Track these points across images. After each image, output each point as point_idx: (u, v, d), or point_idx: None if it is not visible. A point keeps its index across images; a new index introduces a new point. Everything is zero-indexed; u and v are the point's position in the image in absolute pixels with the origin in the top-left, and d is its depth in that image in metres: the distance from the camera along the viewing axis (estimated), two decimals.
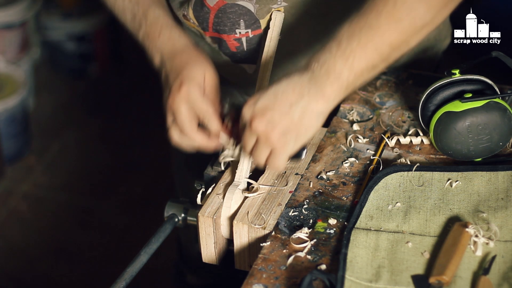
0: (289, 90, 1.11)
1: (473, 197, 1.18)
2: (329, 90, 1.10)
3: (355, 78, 1.11)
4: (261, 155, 1.14)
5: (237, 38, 1.33)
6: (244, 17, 1.29)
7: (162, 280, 2.31)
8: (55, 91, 3.25)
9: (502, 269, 1.07)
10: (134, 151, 2.96)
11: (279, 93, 1.11)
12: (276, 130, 1.10)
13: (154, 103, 3.17)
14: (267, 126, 1.10)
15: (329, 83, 1.10)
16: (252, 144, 1.14)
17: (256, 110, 1.11)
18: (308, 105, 1.10)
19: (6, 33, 2.92)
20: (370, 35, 1.09)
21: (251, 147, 1.15)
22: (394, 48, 1.12)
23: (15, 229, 2.64)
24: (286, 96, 1.10)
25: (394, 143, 1.30)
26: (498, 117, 1.22)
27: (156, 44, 1.27)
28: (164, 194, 2.71)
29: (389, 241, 1.12)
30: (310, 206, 1.20)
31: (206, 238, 1.22)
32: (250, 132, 1.13)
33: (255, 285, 1.07)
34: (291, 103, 1.10)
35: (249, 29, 1.31)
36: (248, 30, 1.31)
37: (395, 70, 1.47)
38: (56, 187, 2.80)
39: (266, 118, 1.10)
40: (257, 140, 1.13)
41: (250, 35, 1.32)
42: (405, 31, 1.11)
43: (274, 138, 1.11)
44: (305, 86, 1.10)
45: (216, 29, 1.32)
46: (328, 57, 1.10)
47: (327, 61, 1.10)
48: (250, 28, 1.31)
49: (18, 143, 2.87)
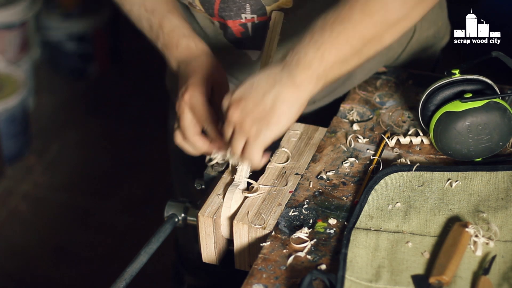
0: (263, 80, 1.14)
1: (473, 197, 1.18)
2: (299, 79, 1.12)
3: (326, 69, 1.12)
4: (237, 145, 1.16)
5: (242, 23, 1.33)
6: (250, 1, 1.30)
7: (162, 280, 2.31)
8: (55, 91, 3.25)
9: (502, 269, 1.07)
10: (134, 151, 2.96)
11: (254, 82, 1.14)
12: (249, 118, 1.13)
13: (154, 103, 3.18)
14: (241, 114, 1.13)
15: (299, 72, 1.12)
16: (230, 134, 1.17)
17: (232, 100, 1.14)
18: (280, 93, 1.12)
19: (6, 33, 2.92)
20: (341, 28, 1.11)
21: (229, 137, 1.17)
22: (366, 42, 1.13)
23: (15, 229, 2.64)
24: (260, 85, 1.13)
25: (394, 143, 1.30)
26: (498, 117, 1.22)
27: (174, 55, 1.31)
28: (164, 194, 2.71)
29: (389, 241, 1.12)
30: (310, 206, 1.20)
31: (206, 238, 1.22)
32: (227, 122, 1.16)
33: (255, 285, 1.07)
34: (264, 91, 1.13)
35: (254, 15, 1.31)
36: (254, 16, 1.31)
37: (395, 70, 1.47)
38: (56, 187, 2.80)
39: (240, 107, 1.13)
40: (234, 129, 1.16)
41: (255, 21, 1.32)
42: (377, 25, 1.12)
43: (247, 126, 1.13)
44: (277, 75, 1.13)
45: (222, 15, 1.33)
46: (300, 48, 1.12)
47: (299, 51, 1.12)
48: (256, 14, 1.31)
49: (18, 143, 2.87)
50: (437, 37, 1.52)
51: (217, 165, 1.30)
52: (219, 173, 1.29)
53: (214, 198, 1.23)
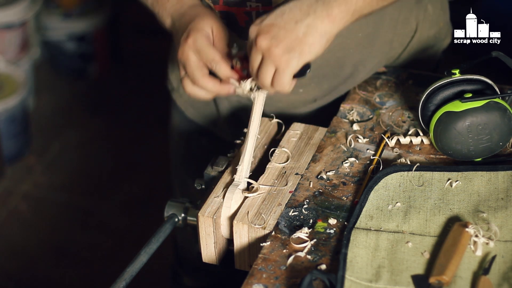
0: (296, 8, 1.13)
1: (473, 197, 1.18)
2: (336, 10, 1.12)
3: (364, 3, 1.12)
4: (267, 74, 1.14)
5: (247, 12, 1.33)
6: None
7: (162, 280, 2.31)
8: (55, 91, 3.25)
9: (502, 269, 1.07)
10: (134, 151, 2.96)
11: (286, 11, 1.13)
12: (280, 46, 1.11)
13: (154, 103, 3.19)
14: (271, 42, 1.12)
15: (337, 4, 1.12)
16: (258, 62, 1.15)
17: (261, 27, 1.13)
18: (313, 23, 1.12)
19: (6, 33, 2.92)
20: None
21: (257, 66, 1.15)
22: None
23: (15, 229, 2.64)
24: (292, 14, 1.12)
25: (394, 143, 1.30)
26: (498, 117, 1.22)
27: (166, 8, 1.29)
28: (164, 194, 2.71)
29: (389, 241, 1.12)
30: (310, 206, 1.20)
31: (206, 238, 1.22)
32: (255, 50, 1.14)
33: (255, 285, 1.07)
34: (297, 20, 1.12)
35: (259, 3, 1.31)
36: (259, 4, 1.31)
37: (395, 70, 1.47)
38: (56, 187, 2.80)
39: (270, 35, 1.12)
40: (262, 58, 1.14)
41: (260, 10, 1.32)
42: None
43: (277, 54, 1.12)
44: (312, 5, 1.12)
45: (227, 2, 1.32)
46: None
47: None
48: (261, 2, 1.31)
49: (18, 143, 2.87)
50: (438, 37, 1.52)
51: (217, 165, 1.29)
52: (219, 173, 1.29)
53: (214, 198, 1.22)
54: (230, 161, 1.29)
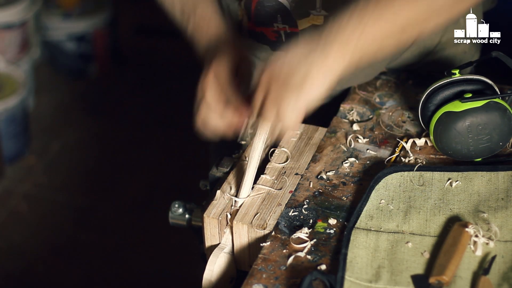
0: (299, 49, 1.14)
1: (473, 197, 1.18)
2: (333, 55, 1.12)
3: (363, 47, 1.12)
4: (269, 111, 1.14)
5: (275, 31, 1.34)
6: (281, 12, 1.31)
7: None
8: (55, 91, 3.25)
9: (502, 269, 1.07)
10: (134, 151, 2.96)
11: (290, 51, 1.14)
12: (280, 84, 1.12)
13: (154, 103, 3.19)
14: (272, 77, 1.13)
15: (336, 47, 1.11)
16: (261, 100, 1.15)
17: (265, 67, 1.14)
18: (312, 66, 1.12)
19: (6, 33, 2.92)
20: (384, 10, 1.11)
21: (260, 103, 1.15)
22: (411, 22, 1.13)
23: (15, 229, 2.64)
24: (294, 55, 1.13)
25: (409, 146, 1.29)
26: (498, 117, 1.22)
27: (203, 38, 1.31)
28: (164, 194, 2.72)
29: (389, 241, 1.12)
30: (310, 206, 1.20)
31: (211, 239, 1.21)
32: (259, 88, 1.14)
33: (255, 285, 1.07)
34: (298, 61, 1.12)
35: (286, 25, 1.32)
36: (286, 26, 1.32)
37: (395, 70, 1.47)
38: (56, 187, 2.80)
39: (274, 72, 1.13)
40: (265, 95, 1.14)
41: (287, 30, 1.33)
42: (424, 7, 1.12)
43: (277, 91, 1.12)
44: (313, 49, 1.13)
45: (256, 20, 1.35)
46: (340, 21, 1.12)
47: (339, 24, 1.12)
48: (287, 24, 1.32)
49: (18, 143, 2.87)
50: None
51: (222, 165, 1.28)
52: (224, 174, 1.28)
53: (220, 199, 1.22)
54: (235, 162, 1.29)
